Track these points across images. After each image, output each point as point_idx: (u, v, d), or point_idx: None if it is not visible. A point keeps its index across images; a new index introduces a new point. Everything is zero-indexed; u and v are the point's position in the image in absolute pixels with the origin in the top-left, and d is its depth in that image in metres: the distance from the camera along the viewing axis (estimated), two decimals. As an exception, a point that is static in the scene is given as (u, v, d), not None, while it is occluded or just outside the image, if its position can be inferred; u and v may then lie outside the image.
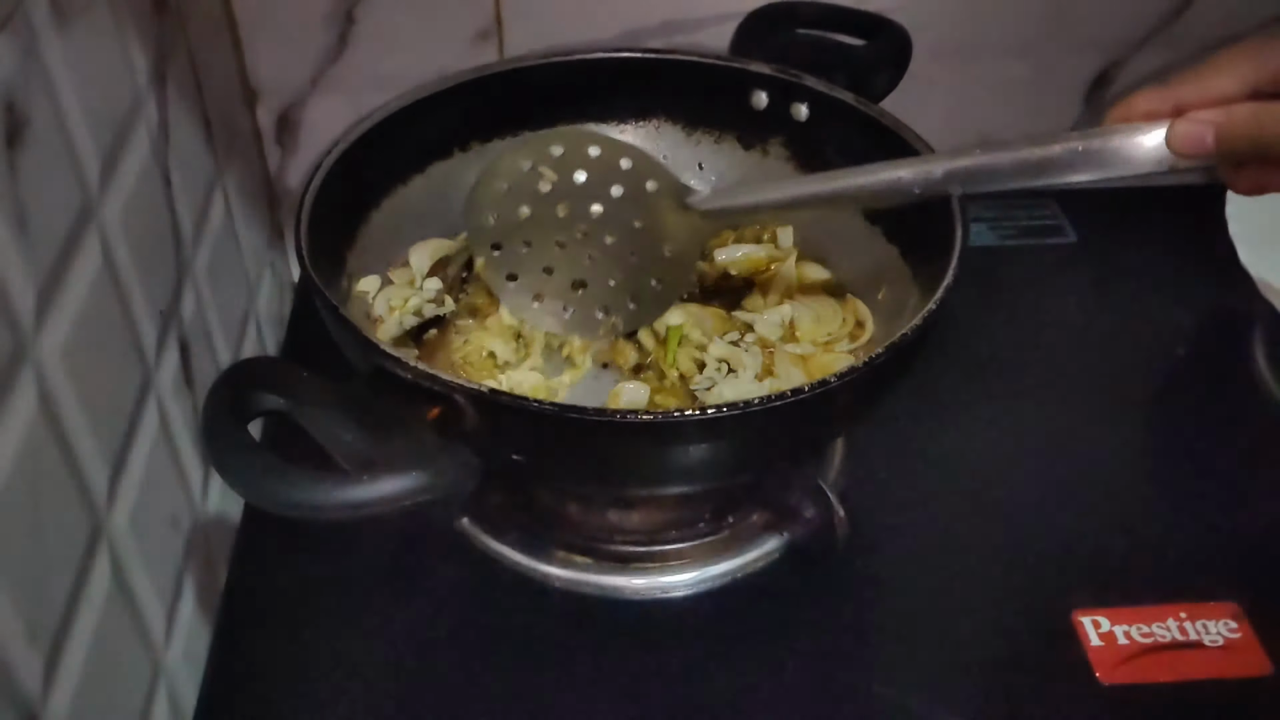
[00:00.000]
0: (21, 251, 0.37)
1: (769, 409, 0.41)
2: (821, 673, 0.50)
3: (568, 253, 0.54)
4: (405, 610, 0.52)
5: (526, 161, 0.53)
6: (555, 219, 0.53)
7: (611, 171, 0.52)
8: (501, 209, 0.53)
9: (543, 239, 0.54)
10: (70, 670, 0.39)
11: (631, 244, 0.53)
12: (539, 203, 0.53)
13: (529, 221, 0.53)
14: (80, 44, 0.42)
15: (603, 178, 0.52)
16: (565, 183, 0.52)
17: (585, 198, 0.52)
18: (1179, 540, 0.55)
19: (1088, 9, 0.70)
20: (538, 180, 0.53)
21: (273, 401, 0.40)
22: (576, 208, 0.53)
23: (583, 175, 0.52)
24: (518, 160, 0.53)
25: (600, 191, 0.52)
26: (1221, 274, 0.63)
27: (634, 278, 0.53)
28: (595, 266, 0.53)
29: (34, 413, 0.37)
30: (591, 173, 0.52)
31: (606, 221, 0.53)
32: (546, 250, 0.54)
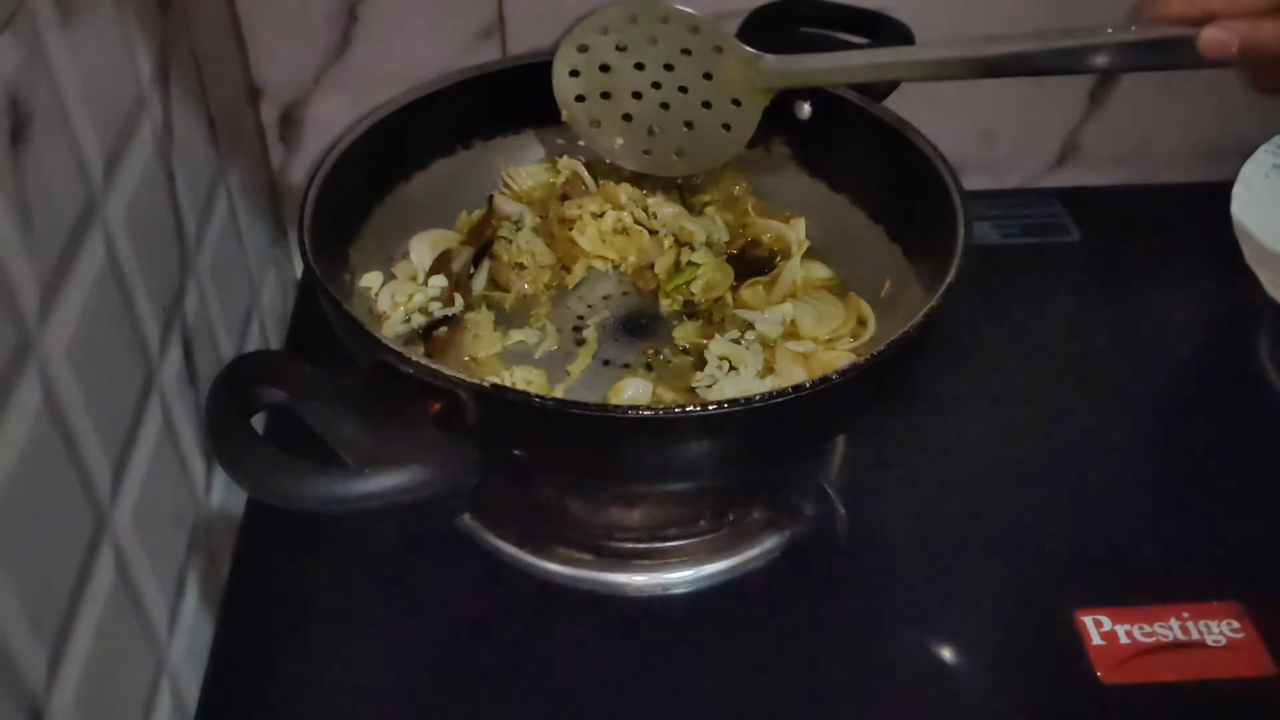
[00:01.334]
0: (26, 248, 0.37)
1: (770, 405, 0.42)
2: (821, 670, 0.50)
3: (643, 102, 0.58)
4: (407, 606, 0.53)
5: (603, 24, 0.57)
6: (631, 73, 0.57)
7: (682, 34, 0.56)
8: (582, 65, 0.58)
9: (620, 90, 0.58)
10: (74, 665, 0.39)
11: (702, 94, 0.57)
12: (616, 58, 0.58)
13: (607, 75, 0.58)
14: (84, 41, 0.42)
15: (675, 40, 0.56)
16: (640, 43, 0.57)
17: (659, 56, 0.57)
18: (1181, 540, 0.55)
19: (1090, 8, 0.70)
20: (615, 41, 0.57)
21: (276, 395, 0.40)
22: (651, 64, 0.57)
23: (655, 37, 0.56)
24: (596, 24, 0.57)
25: (672, 50, 0.56)
26: (1225, 272, 0.63)
27: (705, 123, 0.57)
28: (669, 113, 0.58)
29: (38, 408, 0.37)
30: (663, 37, 0.56)
31: (678, 75, 0.57)
32: (624, 100, 0.58)
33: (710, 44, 0.55)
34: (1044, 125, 0.76)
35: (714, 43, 0.55)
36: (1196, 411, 0.63)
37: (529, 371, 0.54)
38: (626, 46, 0.57)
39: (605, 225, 0.61)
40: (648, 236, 0.61)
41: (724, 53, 0.55)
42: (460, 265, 0.59)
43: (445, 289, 0.57)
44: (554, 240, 0.61)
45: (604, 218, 0.61)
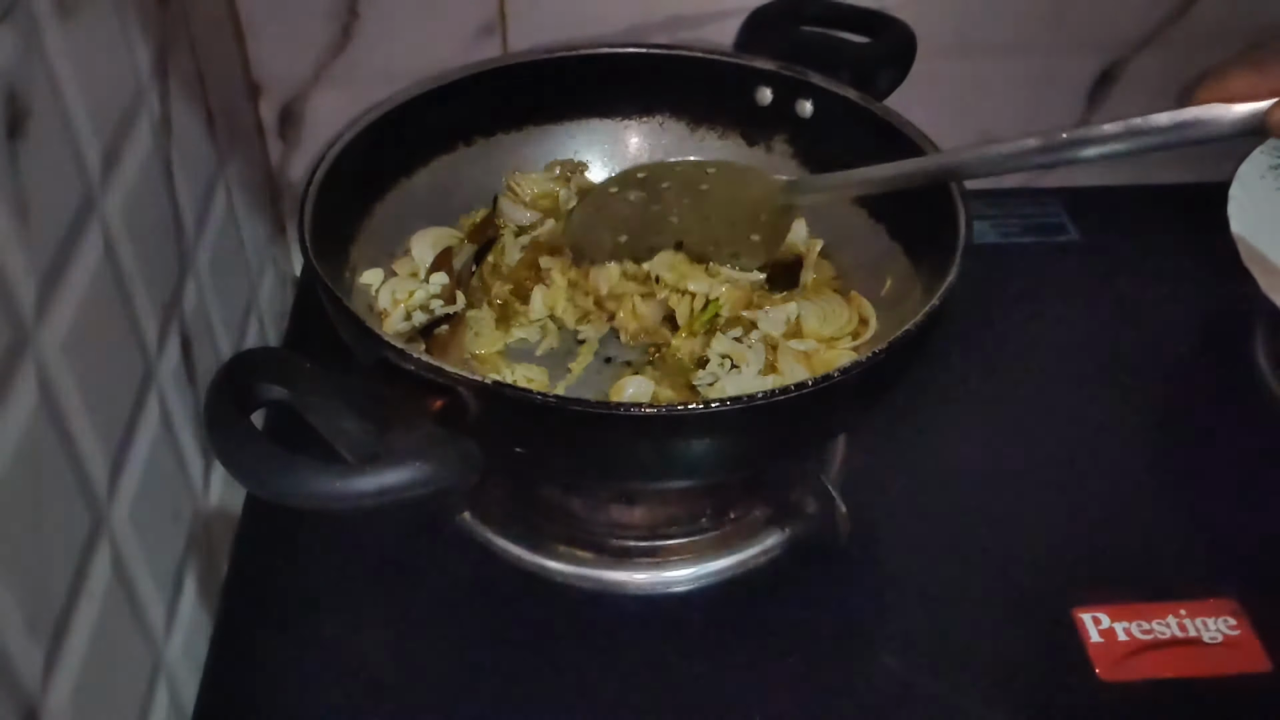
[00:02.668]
0: (23, 243, 0.37)
1: (772, 403, 0.42)
2: (823, 668, 0.50)
3: (665, 236, 0.58)
4: (406, 604, 0.52)
5: (614, 187, 0.59)
6: (650, 216, 0.58)
7: (697, 176, 0.57)
8: (595, 225, 0.58)
9: (641, 229, 0.58)
10: (70, 663, 0.39)
11: (727, 213, 0.57)
12: (632, 209, 0.58)
13: (624, 224, 0.58)
14: (82, 36, 0.42)
15: (690, 182, 0.57)
16: (654, 192, 0.58)
17: (675, 197, 0.58)
18: (1179, 537, 0.55)
19: (1091, 8, 0.70)
20: (628, 197, 0.58)
21: (275, 392, 0.40)
22: (669, 204, 0.58)
23: (669, 184, 0.57)
24: (605, 188, 0.59)
25: (690, 190, 0.58)
26: (1223, 273, 0.63)
27: (732, 237, 0.57)
28: (693, 234, 0.58)
29: (35, 405, 0.37)
30: (676, 181, 0.57)
31: (699, 205, 0.58)
32: (646, 236, 0.58)
33: (727, 177, 0.57)
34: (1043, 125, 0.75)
35: (731, 177, 0.57)
36: (1193, 410, 0.63)
37: (530, 369, 0.54)
38: (641, 196, 0.58)
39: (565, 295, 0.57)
40: (640, 302, 0.56)
41: (746, 182, 0.57)
42: (462, 263, 0.59)
43: (446, 286, 0.57)
44: (516, 285, 0.58)
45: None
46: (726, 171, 0.58)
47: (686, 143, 0.64)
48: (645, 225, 0.58)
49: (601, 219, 0.59)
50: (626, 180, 0.59)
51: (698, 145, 0.64)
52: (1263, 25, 0.71)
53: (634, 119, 0.64)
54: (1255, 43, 0.47)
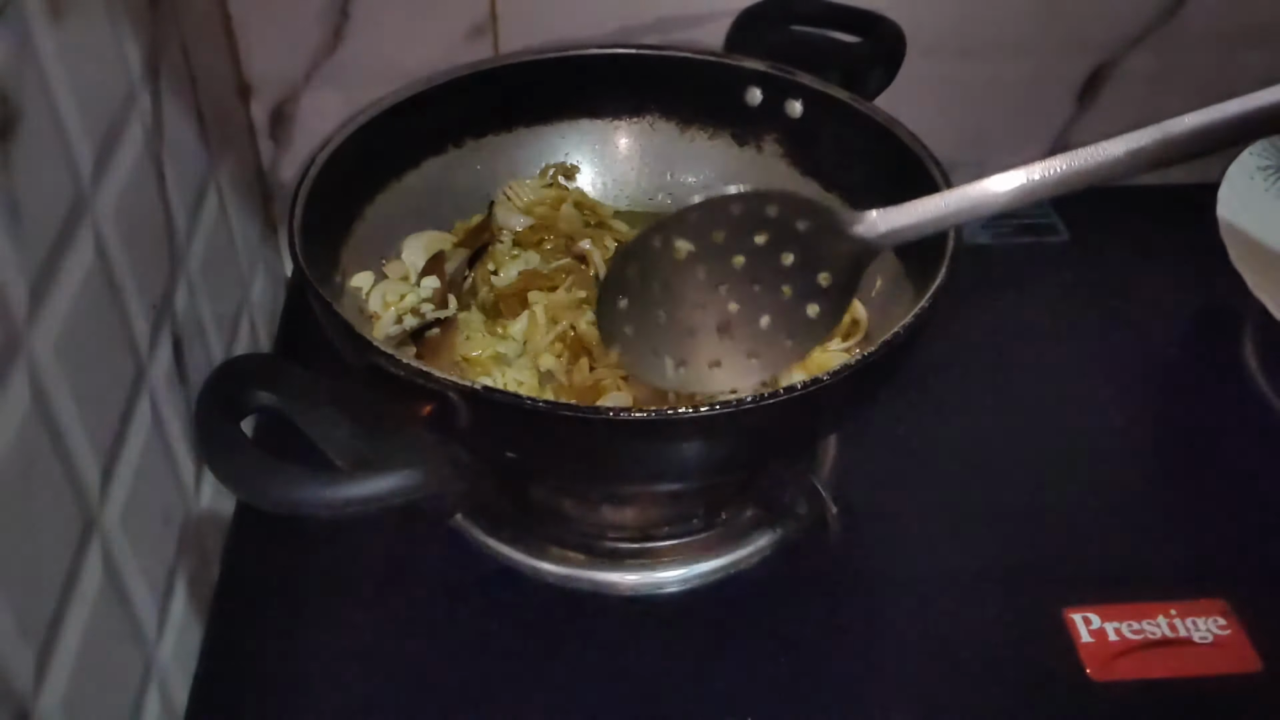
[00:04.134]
0: (14, 244, 0.36)
1: (762, 407, 0.42)
2: (813, 669, 0.50)
3: (709, 310, 0.47)
4: (398, 606, 0.52)
5: (658, 239, 0.46)
6: (695, 282, 0.47)
7: (755, 221, 0.45)
8: (632, 293, 0.47)
9: (680, 306, 0.47)
10: (62, 666, 0.39)
11: (782, 281, 0.46)
12: (674, 273, 0.47)
13: (664, 293, 0.47)
14: (73, 36, 0.42)
15: (746, 230, 0.46)
16: (703, 246, 0.46)
17: (726, 254, 0.46)
18: (1169, 537, 0.56)
19: (1081, 8, 0.71)
20: (671, 252, 0.46)
21: (265, 398, 0.40)
22: (716, 266, 0.46)
23: (722, 234, 0.46)
24: (649, 240, 0.46)
25: (744, 244, 0.46)
26: (1212, 273, 0.64)
27: (786, 313, 0.46)
28: (742, 312, 0.47)
29: (26, 406, 0.37)
30: (731, 229, 0.45)
31: (752, 268, 0.46)
32: (686, 316, 0.47)
33: (790, 221, 0.45)
34: (1034, 126, 0.76)
35: (795, 220, 0.45)
36: (1183, 410, 0.64)
37: (521, 373, 0.54)
38: (683, 249, 0.46)
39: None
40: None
41: (809, 228, 0.45)
42: (454, 267, 0.59)
43: (438, 290, 0.57)
44: (504, 302, 0.57)
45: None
46: (790, 210, 0.45)
47: (676, 143, 0.64)
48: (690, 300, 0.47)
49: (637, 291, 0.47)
50: (672, 227, 0.46)
51: (688, 145, 0.64)
52: (1252, 25, 0.71)
53: (624, 120, 0.64)
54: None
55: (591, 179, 0.65)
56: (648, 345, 0.47)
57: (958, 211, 0.43)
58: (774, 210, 0.45)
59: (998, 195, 0.43)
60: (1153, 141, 0.40)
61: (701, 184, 0.64)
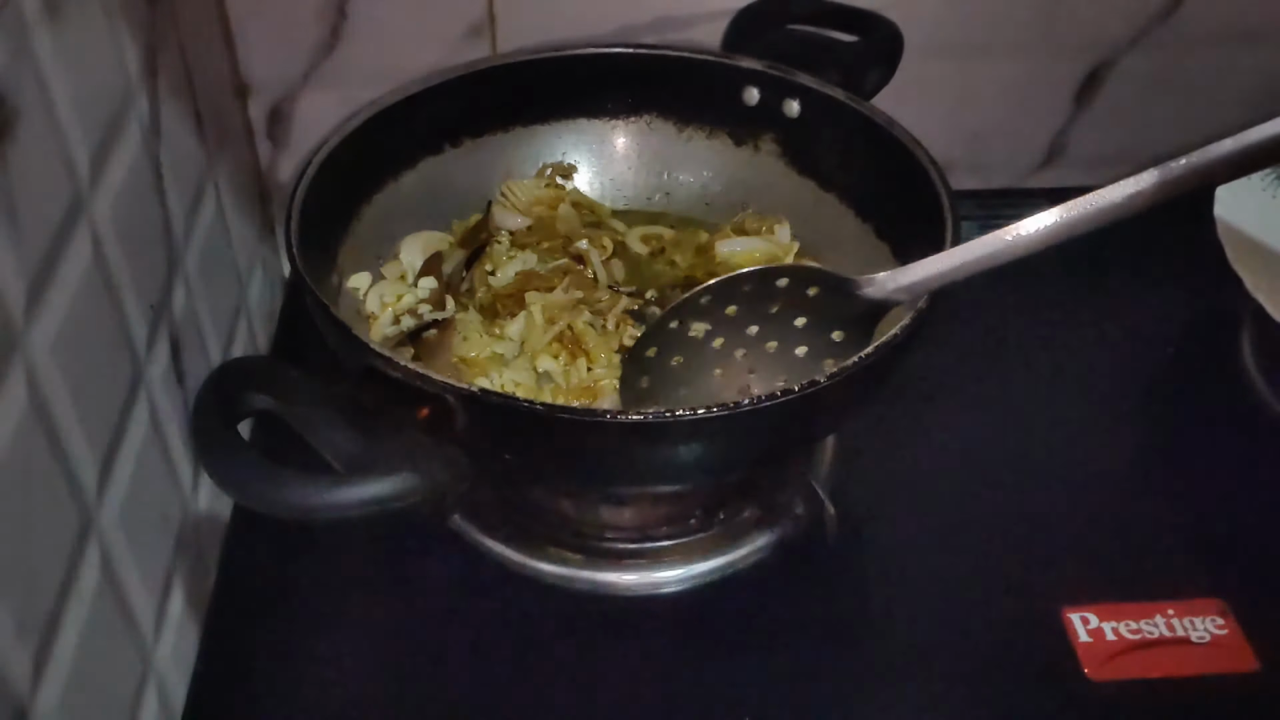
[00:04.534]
0: (11, 245, 0.36)
1: (760, 409, 0.42)
2: (811, 668, 0.50)
3: (728, 375, 0.50)
4: (396, 607, 0.52)
5: (674, 321, 0.49)
6: (711, 353, 0.50)
7: (766, 293, 0.48)
8: (652, 372, 0.50)
9: (699, 377, 0.50)
10: (59, 666, 0.39)
11: (797, 343, 0.49)
12: (692, 350, 0.50)
13: (683, 369, 0.50)
14: (71, 37, 0.42)
15: (758, 302, 0.49)
16: (718, 323, 0.49)
17: (740, 325, 0.49)
18: (1167, 537, 0.56)
19: (1078, 9, 0.71)
20: (687, 331, 0.50)
21: (262, 401, 0.40)
22: (732, 337, 0.49)
23: (735, 308, 0.49)
24: (665, 323, 0.50)
25: (757, 314, 0.49)
26: (1210, 274, 0.64)
27: (802, 370, 0.49)
28: (759, 374, 0.50)
29: (24, 407, 0.37)
30: (744, 303, 0.49)
31: (766, 334, 0.49)
32: (704, 385, 0.50)
33: (801, 289, 0.48)
34: (1031, 126, 0.76)
35: (806, 288, 0.48)
36: (1181, 410, 0.64)
37: (518, 373, 0.53)
38: (699, 335, 0.49)
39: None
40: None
41: (819, 294, 0.48)
42: (452, 268, 0.59)
43: (435, 291, 0.57)
44: (501, 302, 0.57)
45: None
46: (800, 280, 0.48)
47: (674, 143, 0.64)
48: (708, 369, 0.50)
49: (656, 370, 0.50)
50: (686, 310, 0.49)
51: (685, 145, 0.64)
52: (1248, 26, 0.71)
53: (621, 119, 0.65)
54: None
55: (589, 179, 0.65)
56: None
57: (962, 265, 0.45)
58: (784, 282, 0.48)
59: (1000, 248, 0.45)
60: (1151, 185, 0.42)
61: (699, 183, 0.64)
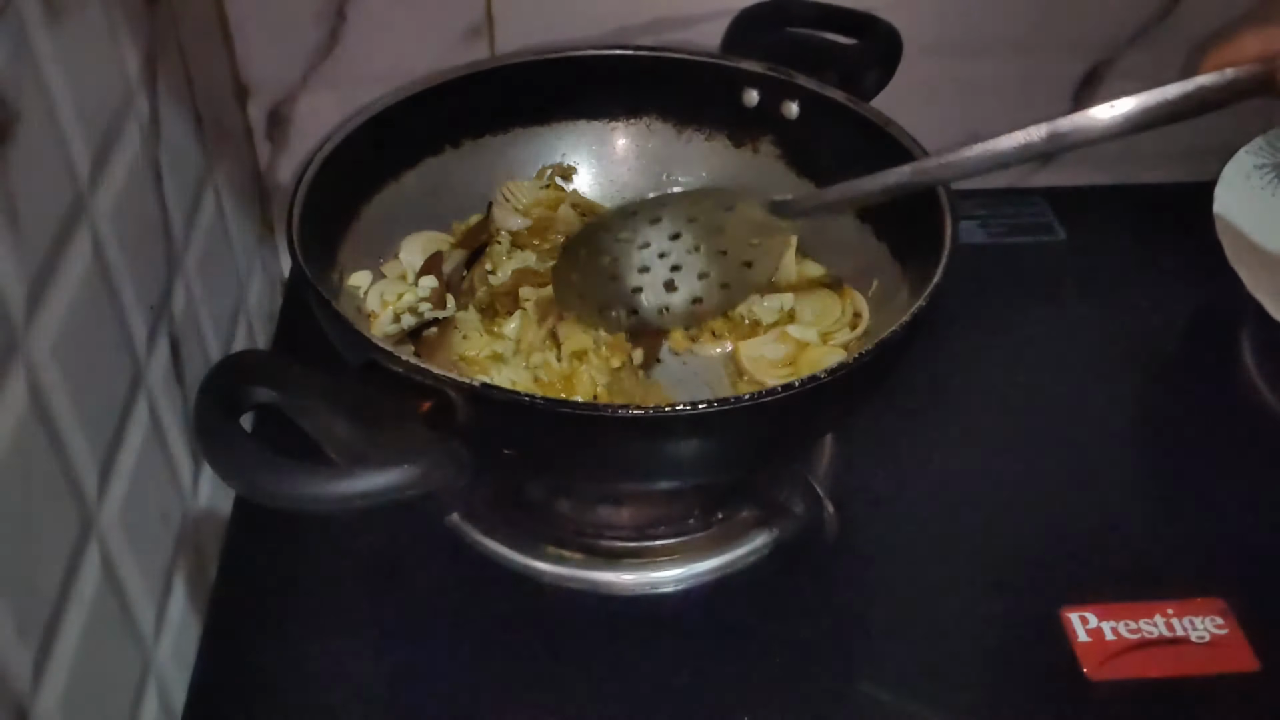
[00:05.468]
0: (12, 246, 0.37)
1: (759, 405, 0.42)
2: (810, 668, 0.50)
3: (652, 272, 0.56)
4: (395, 606, 0.52)
5: (601, 230, 0.56)
6: (638, 251, 0.56)
7: (688, 208, 0.55)
8: (582, 267, 0.56)
9: (627, 269, 0.56)
10: (60, 666, 0.39)
11: (715, 246, 0.55)
12: (620, 248, 0.56)
13: (610, 262, 0.56)
14: (71, 39, 0.42)
15: (678, 213, 0.55)
16: (644, 229, 0.56)
17: (665, 230, 0.56)
18: (1166, 537, 0.56)
19: (1076, 8, 0.71)
20: (615, 235, 0.56)
21: (264, 395, 0.40)
22: (655, 240, 0.56)
23: (660, 219, 0.55)
24: (593, 232, 0.56)
25: (680, 222, 0.56)
26: (1209, 272, 0.64)
27: (724, 268, 0.55)
28: (684, 269, 0.56)
29: (24, 407, 0.37)
30: (666, 215, 0.55)
31: (690, 238, 0.56)
32: (632, 277, 0.56)
33: (720, 206, 0.55)
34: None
35: (725, 204, 0.54)
36: (1181, 410, 0.64)
37: (516, 372, 0.54)
38: (626, 236, 0.56)
39: None
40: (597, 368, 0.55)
41: (736, 209, 0.55)
42: (452, 267, 0.59)
43: (435, 290, 0.57)
44: (498, 301, 0.58)
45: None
46: (718, 199, 0.56)
47: (673, 144, 0.64)
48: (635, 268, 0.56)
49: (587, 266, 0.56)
50: (614, 220, 0.57)
51: (684, 146, 0.64)
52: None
53: (621, 121, 0.65)
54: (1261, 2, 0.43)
55: (589, 180, 0.65)
56: (597, 305, 0.56)
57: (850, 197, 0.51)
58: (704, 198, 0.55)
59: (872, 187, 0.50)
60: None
61: (698, 185, 0.65)
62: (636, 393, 0.53)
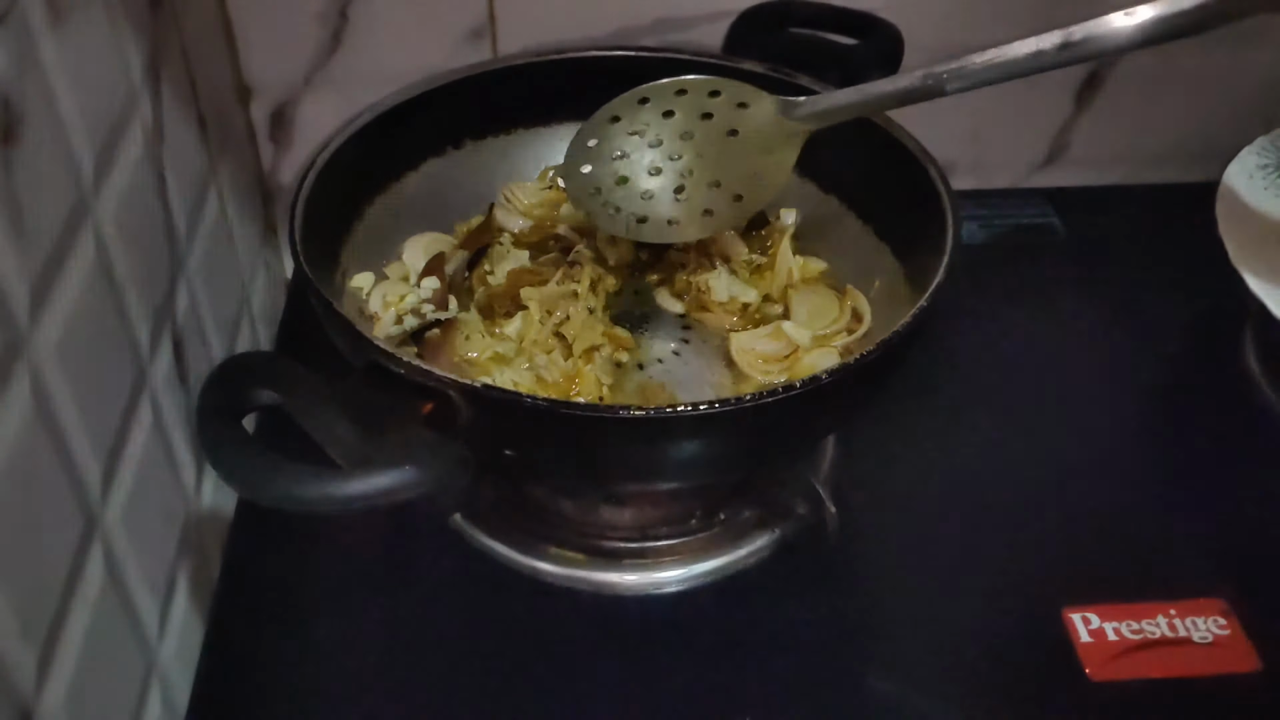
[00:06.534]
0: (16, 248, 0.37)
1: (761, 405, 0.42)
2: (812, 669, 0.50)
3: (664, 175, 0.54)
4: (398, 606, 0.53)
5: (611, 114, 0.53)
6: (648, 152, 0.54)
7: (700, 101, 0.52)
8: (594, 160, 0.54)
9: (638, 170, 0.54)
10: (64, 666, 0.39)
11: (730, 150, 0.53)
12: (632, 144, 0.54)
13: (623, 160, 0.54)
14: (75, 41, 0.42)
15: (692, 108, 0.53)
16: (654, 120, 0.53)
17: (675, 128, 0.53)
18: (1168, 537, 0.56)
19: (1078, 8, 0.70)
20: (628, 128, 0.54)
21: (267, 396, 0.40)
22: (668, 138, 0.54)
23: (674, 111, 0.53)
24: (604, 115, 0.53)
25: (693, 119, 0.53)
26: (1211, 272, 0.64)
27: (734, 178, 0.54)
28: (695, 174, 0.54)
29: (28, 408, 0.37)
30: (680, 109, 0.53)
31: (702, 140, 0.53)
32: (643, 179, 0.54)
33: (733, 102, 0.52)
34: (1032, 126, 0.76)
35: (737, 100, 0.52)
36: (1183, 410, 0.64)
37: (518, 373, 0.54)
38: (639, 130, 0.53)
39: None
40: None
41: (750, 107, 0.52)
42: (454, 268, 0.59)
43: (438, 291, 0.57)
44: (498, 301, 0.58)
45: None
46: (730, 92, 0.52)
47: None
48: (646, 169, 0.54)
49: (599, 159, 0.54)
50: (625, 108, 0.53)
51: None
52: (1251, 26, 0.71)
53: (624, 121, 0.65)
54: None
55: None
56: (609, 205, 0.54)
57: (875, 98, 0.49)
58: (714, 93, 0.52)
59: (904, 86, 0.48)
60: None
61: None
62: (639, 393, 0.53)
